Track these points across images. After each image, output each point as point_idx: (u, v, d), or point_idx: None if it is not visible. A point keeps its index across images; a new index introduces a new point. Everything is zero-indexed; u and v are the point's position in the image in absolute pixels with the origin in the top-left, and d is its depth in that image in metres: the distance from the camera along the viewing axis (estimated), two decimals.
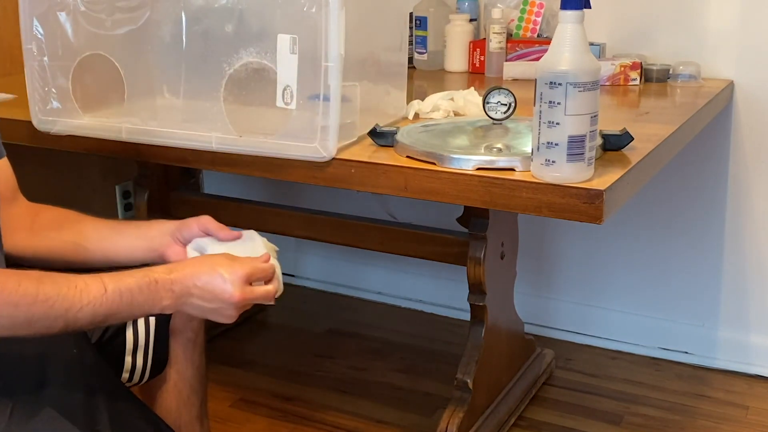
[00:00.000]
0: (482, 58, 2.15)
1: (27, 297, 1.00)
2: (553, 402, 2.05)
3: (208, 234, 1.27)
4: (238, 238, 1.27)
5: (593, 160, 1.22)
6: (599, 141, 1.31)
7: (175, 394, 1.35)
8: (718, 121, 2.05)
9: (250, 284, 1.16)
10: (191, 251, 1.26)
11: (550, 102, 1.17)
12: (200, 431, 1.39)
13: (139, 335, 1.30)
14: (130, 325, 1.29)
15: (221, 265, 1.15)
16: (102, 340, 1.29)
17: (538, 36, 2.12)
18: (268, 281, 1.19)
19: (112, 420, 1.14)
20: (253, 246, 1.26)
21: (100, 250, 1.27)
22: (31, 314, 1.01)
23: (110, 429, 1.13)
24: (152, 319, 1.30)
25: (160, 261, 1.26)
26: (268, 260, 1.22)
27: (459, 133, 1.45)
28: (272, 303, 1.20)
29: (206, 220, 1.28)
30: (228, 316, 1.16)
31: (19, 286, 1.00)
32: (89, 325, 1.07)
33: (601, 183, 1.20)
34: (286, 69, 1.34)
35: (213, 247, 1.25)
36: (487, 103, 1.43)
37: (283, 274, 1.25)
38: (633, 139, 1.37)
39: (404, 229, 2.00)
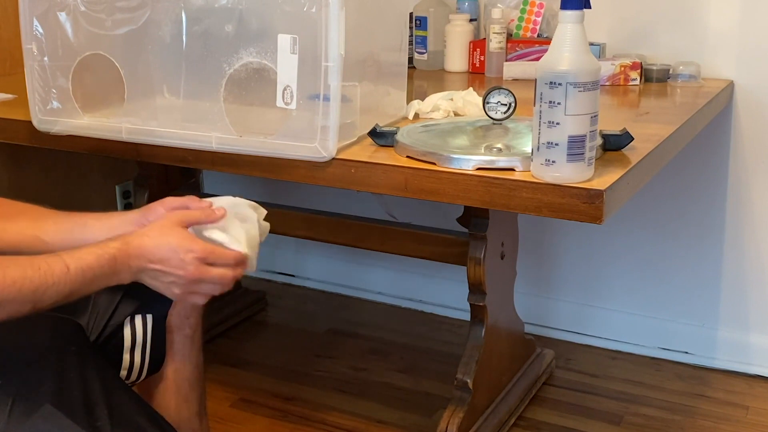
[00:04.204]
0: (482, 58, 2.15)
1: None
2: (553, 402, 2.05)
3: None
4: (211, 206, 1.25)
5: (593, 160, 1.22)
6: (599, 141, 1.31)
7: (174, 391, 1.35)
8: (718, 121, 2.05)
9: (207, 264, 1.17)
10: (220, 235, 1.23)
11: (550, 102, 1.17)
12: (199, 428, 1.39)
13: (136, 333, 1.30)
14: (128, 324, 1.29)
15: (177, 239, 1.16)
16: (100, 339, 1.29)
17: (538, 36, 2.12)
18: (227, 266, 1.20)
19: (111, 416, 1.14)
20: (245, 217, 1.25)
21: (60, 244, 1.25)
22: (1, 299, 1.02)
23: (110, 425, 1.13)
24: (149, 317, 1.30)
25: None
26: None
27: (459, 133, 1.45)
28: (228, 288, 1.21)
29: (170, 200, 1.27)
30: (174, 294, 1.18)
31: None
32: (53, 304, 1.08)
33: (601, 183, 1.20)
34: (286, 69, 1.34)
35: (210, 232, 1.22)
36: (487, 103, 1.43)
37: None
38: (633, 139, 1.37)
39: (404, 229, 2.00)
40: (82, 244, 1.24)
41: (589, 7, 1.18)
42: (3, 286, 1.02)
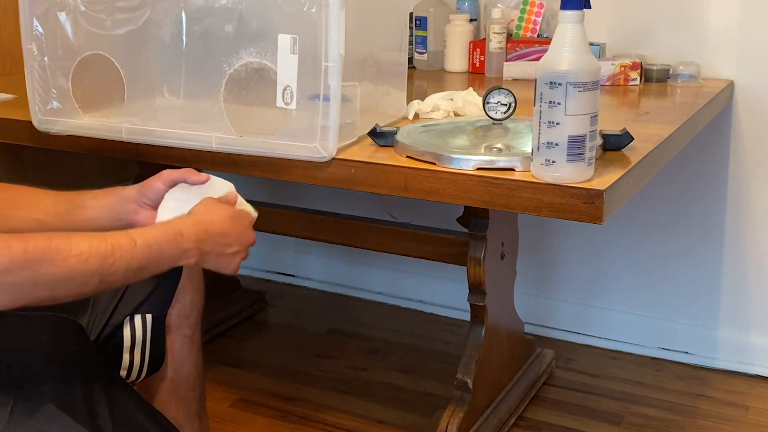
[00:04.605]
0: (482, 58, 2.15)
1: (61, 252, 1.01)
2: (553, 402, 2.05)
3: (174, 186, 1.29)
4: (206, 181, 1.30)
5: (593, 160, 1.22)
6: (599, 141, 1.31)
7: (173, 391, 1.35)
8: (718, 121, 2.05)
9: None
10: (166, 210, 1.27)
11: (550, 102, 1.17)
12: (199, 427, 1.39)
13: (136, 332, 1.30)
14: (128, 323, 1.29)
15: (230, 210, 1.23)
16: (100, 338, 1.29)
17: (538, 36, 2.12)
18: None
19: (112, 415, 1.14)
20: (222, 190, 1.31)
21: (63, 226, 1.25)
22: (68, 269, 1.01)
23: (111, 424, 1.13)
24: (149, 317, 1.30)
25: (128, 227, 1.26)
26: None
27: (459, 133, 1.45)
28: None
29: (167, 174, 1.29)
30: (233, 264, 1.22)
31: (51, 243, 1.01)
32: (122, 280, 1.08)
33: (601, 183, 1.20)
34: (286, 69, 1.34)
35: (190, 197, 1.27)
36: (487, 103, 1.43)
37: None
38: (633, 139, 1.37)
39: (404, 229, 2.00)
40: (82, 224, 1.26)
41: (589, 7, 1.18)
42: (68, 255, 1.01)
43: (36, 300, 1.01)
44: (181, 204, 1.26)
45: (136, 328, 1.30)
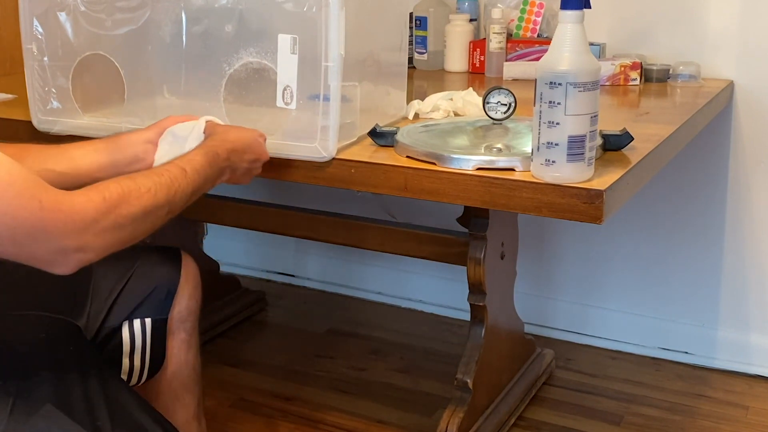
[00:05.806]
0: (482, 58, 2.15)
1: (132, 192, 1.06)
2: (553, 402, 2.05)
3: None
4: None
5: (593, 160, 1.22)
6: (599, 141, 1.31)
7: (171, 395, 1.35)
8: (718, 121, 2.05)
9: None
10: (166, 144, 1.34)
11: (550, 102, 1.17)
12: (198, 430, 1.39)
13: (135, 337, 1.30)
14: (127, 327, 1.29)
15: (249, 130, 1.33)
16: (96, 340, 1.28)
17: (538, 36, 2.12)
18: None
19: (111, 414, 1.14)
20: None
21: (72, 172, 1.28)
22: (143, 206, 1.07)
23: (110, 423, 1.13)
24: (148, 320, 1.30)
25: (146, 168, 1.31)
26: None
27: (459, 133, 1.45)
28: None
29: (174, 118, 1.36)
30: (248, 177, 1.33)
31: (121, 186, 1.06)
32: (183, 206, 1.16)
33: (601, 183, 1.20)
34: (286, 69, 1.34)
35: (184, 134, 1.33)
36: (487, 103, 1.43)
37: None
38: (633, 139, 1.37)
39: (404, 229, 2.00)
40: (98, 167, 1.30)
41: (589, 7, 1.18)
42: (140, 194, 1.07)
43: (121, 242, 1.06)
44: (179, 141, 1.33)
45: (135, 332, 1.29)
